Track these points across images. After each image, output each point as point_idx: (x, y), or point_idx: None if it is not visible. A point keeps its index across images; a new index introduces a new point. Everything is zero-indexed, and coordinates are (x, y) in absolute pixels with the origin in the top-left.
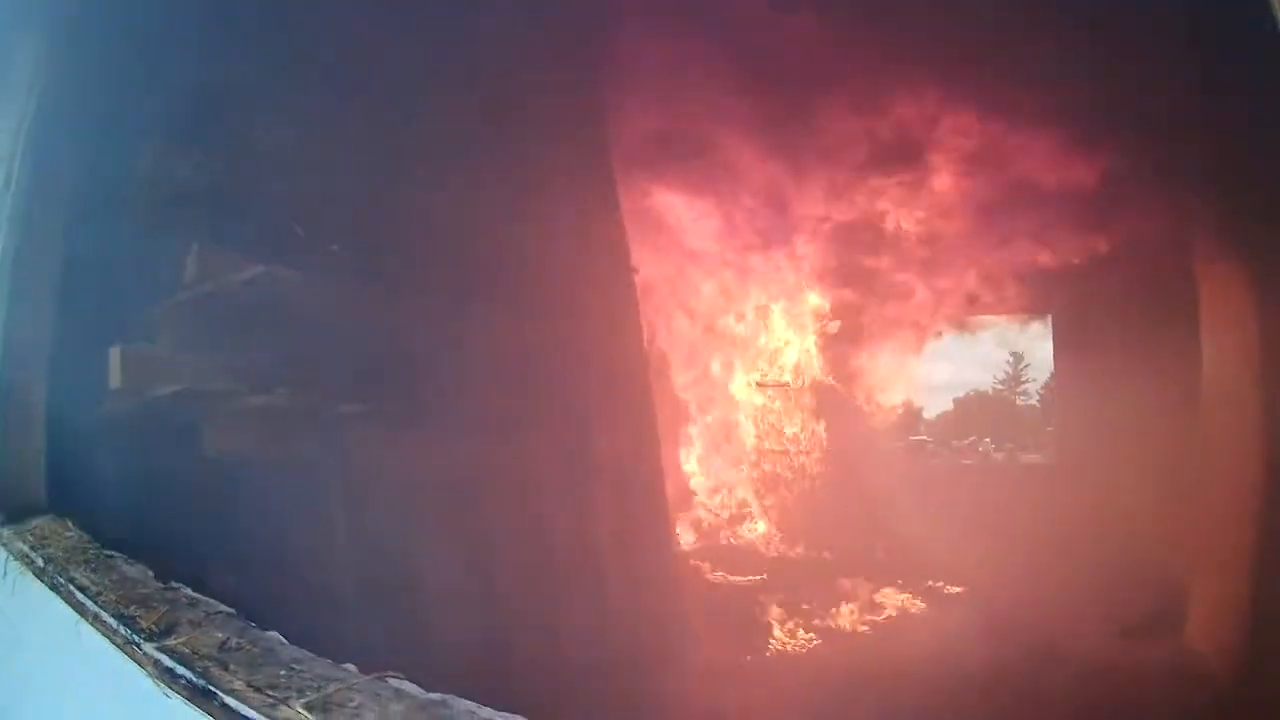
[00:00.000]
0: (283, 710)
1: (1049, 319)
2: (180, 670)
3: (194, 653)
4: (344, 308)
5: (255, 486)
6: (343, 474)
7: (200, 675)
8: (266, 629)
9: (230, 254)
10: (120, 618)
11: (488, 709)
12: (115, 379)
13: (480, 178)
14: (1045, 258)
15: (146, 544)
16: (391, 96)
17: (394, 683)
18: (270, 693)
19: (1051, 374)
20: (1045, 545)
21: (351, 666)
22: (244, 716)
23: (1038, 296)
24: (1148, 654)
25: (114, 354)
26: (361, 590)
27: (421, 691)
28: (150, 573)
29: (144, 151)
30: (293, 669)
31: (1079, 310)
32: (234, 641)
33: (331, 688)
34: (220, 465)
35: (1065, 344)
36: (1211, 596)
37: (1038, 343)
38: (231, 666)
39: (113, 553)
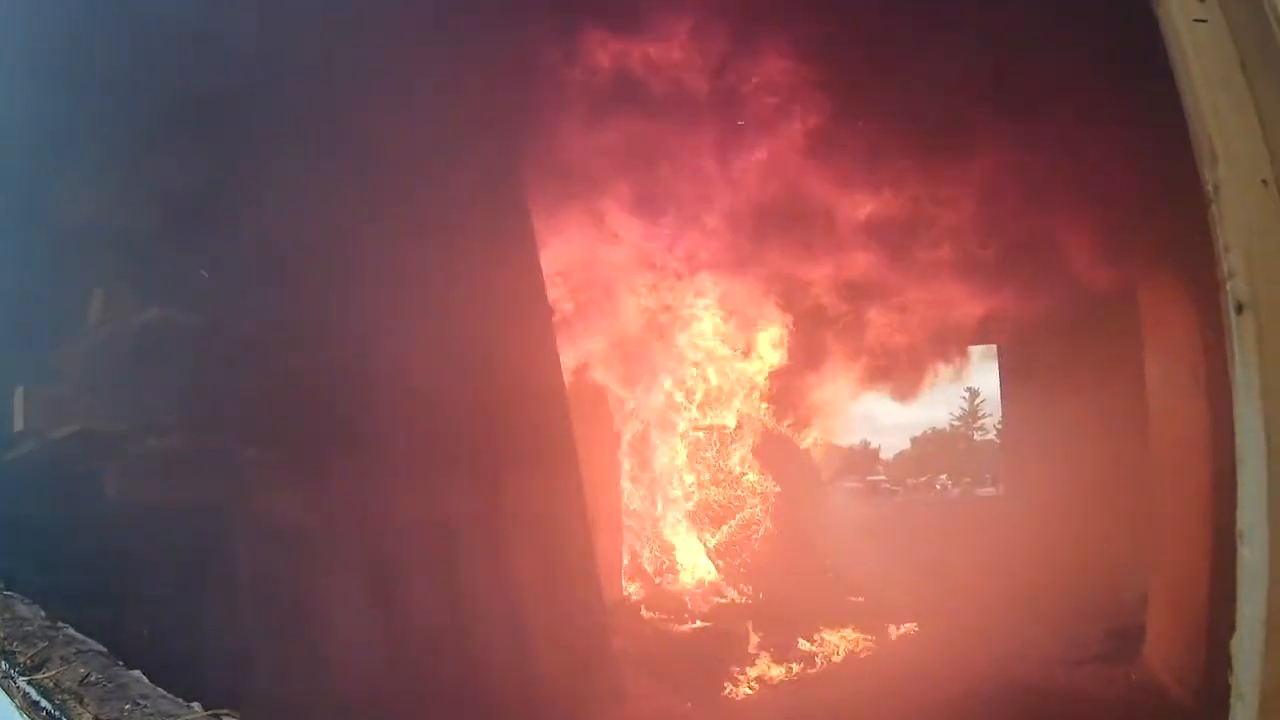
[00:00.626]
0: None
1: (995, 350)
2: (43, 702)
3: (57, 686)
4: (245, 351)
5: (157, 531)
6: (245, 519)
7: (58, 707)
8: (132, 669)
9: (130, 297)
10: (3, 653)
11: None
12: (18, 421)
13: (389, 216)
14: (992, 289)
15: (49, 586)
16: (296, 134)
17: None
18: None
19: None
20: (998, 578)
21: (196, 705)
22: None
23: (988, 329)
24: (1105, 681)
25: (17, 396)
26: (265, 639)
27: None
28: (41, 613)
29: (50, 194)
30: (138, 704)
31: (1024, 339)
32: (94, 677)
33: None
34: (121, 509)
35: (1012, 374)
36: (1166, 620)
37: (994, 377)
38: (86, 700)
39: (11, 594)
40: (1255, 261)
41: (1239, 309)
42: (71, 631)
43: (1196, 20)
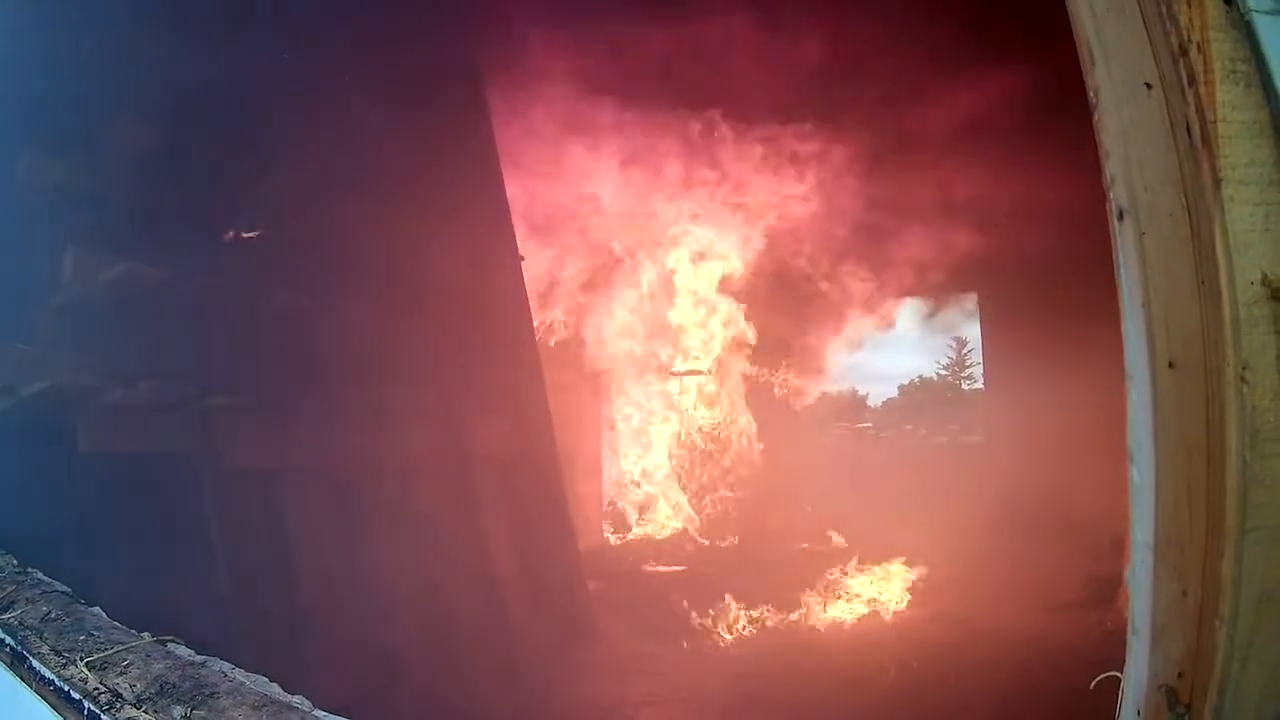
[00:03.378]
0: (70, 669)
1: (975, 299)
2: (7, 640)
3: (21, 624)
4: (209, 302)
5: (126, 480)
6: (212, 465)
7: (20, 643)
8: (94, 605)
9: (99, 254)
10: None
11: (240, 670)
12: None
13: (356, 166)
14: (973, 237)
15: (22, 535)
16: (259, 91)
17: (170, 646)
18: (66, 654)
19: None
20: (977, 524)
21: (146, 634)
22: (42, 676)
23: (969, 277)
24: (1080, 628)
25: None
26: (234, 584)
27: (190, 653)
28: (14, 561)
29: (21, 156)
30: (92, 635)
31: (1004, 287)
32: (54, 614)
33: (113, 650)
34: (92, 460)
35: (992, 322)
36: None
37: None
38: (45, 635)
39: None
40: (1135, 167)
41: (1120, 216)
42: (40, 575)
43: None
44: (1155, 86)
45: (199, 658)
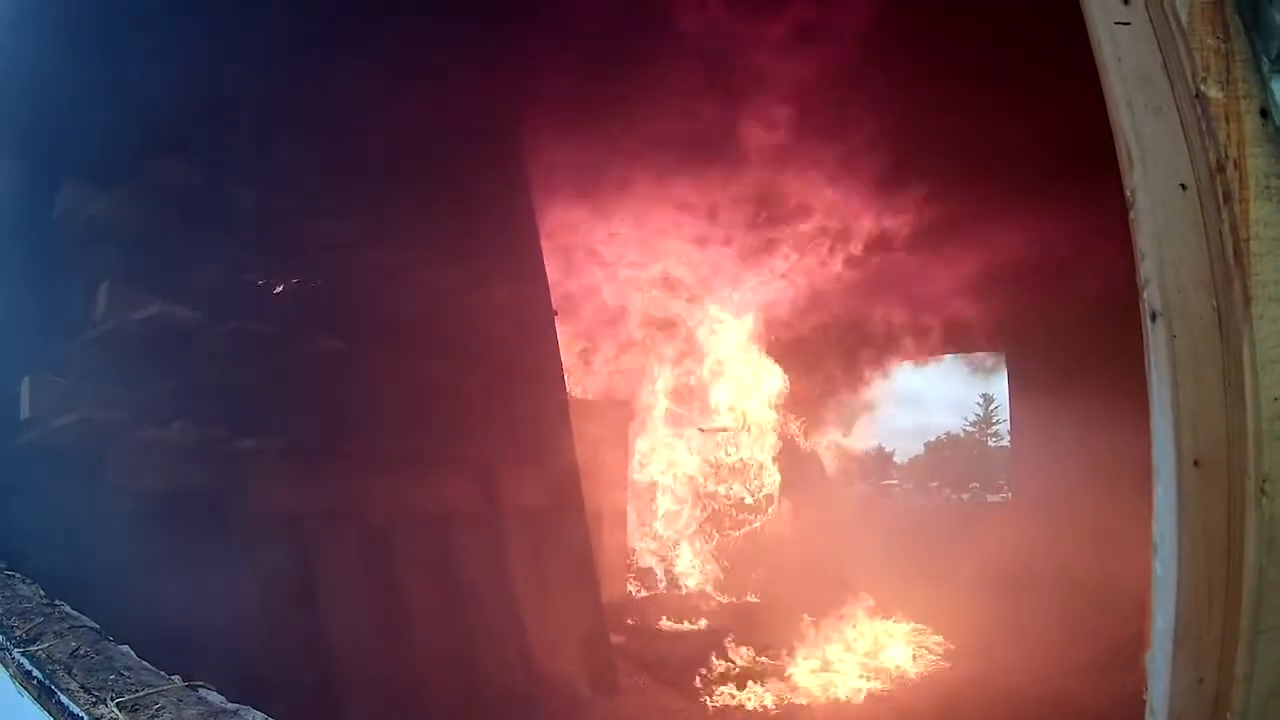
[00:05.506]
0: (100, 709)
1: (1003, 355)
2: (35, 672)
3: (49, 658)
4: (243, 344)
5: (154, 518)
6: (241, 508)
7: (48, 677)
8: (123, 644)
9: (133, 291)
10: (1, 627)
11: None
12: (24, 410)
13: (394, 216)
14: (1004, 295)
15: (50, 566)
16: (301, 137)
17: (202, 692)
18: (96, 693)
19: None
20: (999, 584)
21: (177, 678)
22: (71, 712)
23: (998, 335)
24: (1099, 690)
25: (23, 385)
26: (260, 627)
27: (223, 701)
28: (41, 591)
29: (58, 191)
30: (122, 675)
31: (1032, 344)
32: (83, 650)
33: (145, 692)
34: (121, 495)
35: (1020, 380)
36: None
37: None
38: (74, 670)
39: (13, 573)
40: (1168, 269)
41: (1153, 318)
42: (67, 609)
43: (1118, 23)
44: (1190, 188)
45: (231, 705)
